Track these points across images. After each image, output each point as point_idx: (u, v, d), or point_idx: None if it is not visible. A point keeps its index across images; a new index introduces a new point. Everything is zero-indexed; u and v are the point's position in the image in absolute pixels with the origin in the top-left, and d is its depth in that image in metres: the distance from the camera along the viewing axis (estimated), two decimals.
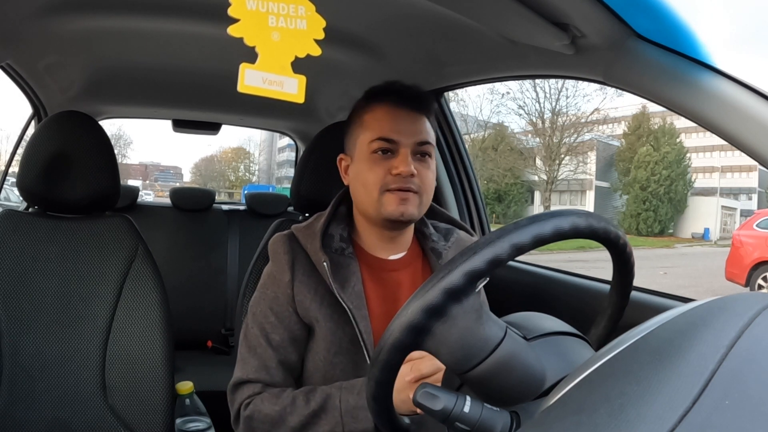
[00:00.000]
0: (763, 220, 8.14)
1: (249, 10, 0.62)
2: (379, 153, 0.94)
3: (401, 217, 0.93)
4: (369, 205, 0.95)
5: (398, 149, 0.93)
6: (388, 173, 0.93)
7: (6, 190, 6.17)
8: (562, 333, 0.57)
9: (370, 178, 0.94)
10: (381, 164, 0.93)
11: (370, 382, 0.57)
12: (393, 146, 0.94)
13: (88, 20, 1.38)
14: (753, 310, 0.35)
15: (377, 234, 1.00)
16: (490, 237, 0.52)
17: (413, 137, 0.94)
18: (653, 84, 0.84)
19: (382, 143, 0.94)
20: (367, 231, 1.01)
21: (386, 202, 0.93)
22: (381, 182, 0.93)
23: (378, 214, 0.95)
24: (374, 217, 0.96)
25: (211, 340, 2.40)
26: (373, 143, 0.94)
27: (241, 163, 41.52)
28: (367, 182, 0.94)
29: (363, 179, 0.95)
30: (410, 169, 0.92)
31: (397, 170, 0.92)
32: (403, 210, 0.93)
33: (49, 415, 1.20)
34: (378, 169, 0.93)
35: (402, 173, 0.92)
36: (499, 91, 22.03)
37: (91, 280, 1.26)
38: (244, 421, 0.94)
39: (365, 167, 0.95)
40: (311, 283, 0.95)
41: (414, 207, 0.94)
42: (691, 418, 0.28)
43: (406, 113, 0.96)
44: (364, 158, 0.95)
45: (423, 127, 0.96)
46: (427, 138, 0.96)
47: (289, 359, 0.96)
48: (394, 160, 0.93)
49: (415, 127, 0.95)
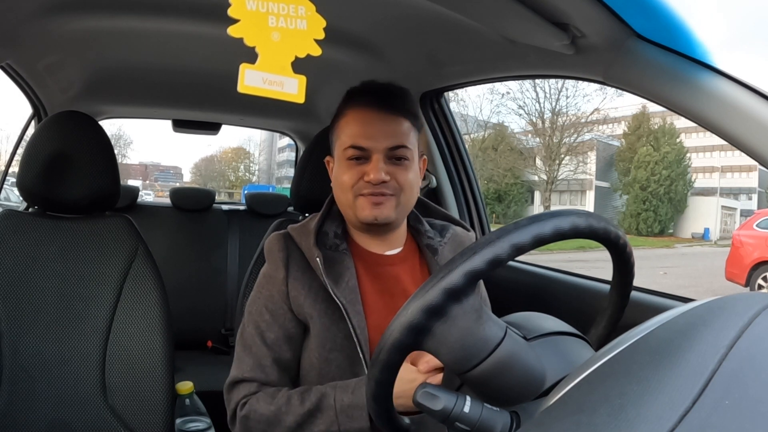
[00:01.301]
0: (763, 220, 8.13)
1: (249, 11, 0.62)
2: (353, 160, 0.94)
3: (375, 220, 0.94)
4: (347, 209, 0.97)
5: (370, 155, 0.93)
6: (361, 178, 0.93)
7: (6, 190, 6.17)
8: (562, 333, 0.57)
9: (344, 182, 0.95)
10: (355, 169, 0.94)
11: (370, 382, 0.57)
12: (364, 153, 0.94)
13: (88, 20, 1.38)
14: (753, 310, 0.35)
15: (366, 235, 1.01)
16: (490, 237, 0.52)
17: (385, 142, 0.93)
18: (653, 84, 0.84)
19: (354, 151, 0.94)
20: (356, 230, 1.02)
21: (359, 206, 0.94)
22: (354, 186, 0.94)
23: (355, 218, 0.96)
24: (353, 220, 0.98)
25: (211, 340, 2.40)
26: (347, 150, 0.94)
27: (241, 163, 41.53)
28: (343, 186, 0.95)
29: (339, 182, 0.96)
30: (380, 177, 0.92)
31: (368, 177, 0.92)
32: (377, 213, 0.93)
33: (49, 415, 1.20)
34: (352, 173, 0.94)
35: (372, 180, 0.92)
36: (499, 91, 22.04)
37: (91, 280, 1.26)
38: (240, 420, 0.94)
39: (341, 171, 0.96)
40: (305, 279, 0.96)
41: (389, 209, 0.94)
42: (691, 418, 0.28)
43: (380, 116, 0.94)
44: (340, 162, 0.97)
45: (397, 130, 0.94)
46: (401, 141, 0.94)
47: (284, 357, 0.96)
48: (366, 166, 0.93)
49: (387, 131, 0.94)
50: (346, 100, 1.00)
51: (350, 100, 0.99)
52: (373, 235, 1.00)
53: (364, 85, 1.00)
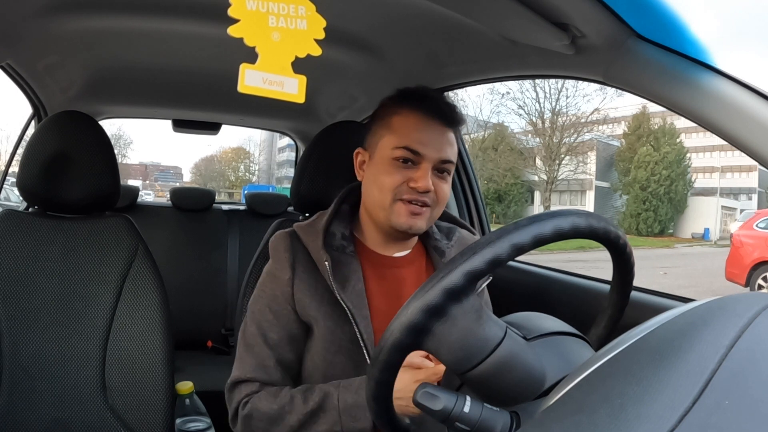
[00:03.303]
0: (763, 220, 8.13)
1: (249, 11, 0.62)
2: (400, 161, 0.92)
3: (409, 230, 0.93)
4: (380, 210, 0.95)
5: (420, 162, 0.92)
6: (405, 183, 0.92)
7: (6, 190, 6.17)
8: (562, 333, 0.57)
9: (386, 183, 0.92)
10: (400, 172, 0.92)
11: (370, 382, 0.57)
12: (416, 158, 0.92)
13: (88, 20, 1.38)
14: (753, 310, 0.35)
15: (382, 235, 1.00)
16: (490, 237, 0.52)
17: (438, 153, 0.92)
18: (653, 84, 0.84)
19: (406, 152, 0.92)
20: (372, 229, 1.00)
21: (397, 212, 0.93)
22: (396, 190, 0.92)
23: (386, 221, 0.94)
24: (382, 222, 0.96)
25: (211, 340, 2.40)
26: (397, 150, 0.92)
27: (241, 163, 41.53)
28: (383, 186, 0.93)
29: (379, 182, 0.93)
30: (428, 186, 0.91)
31: (415, 184, 0.91)
32: (412, 224, 0.93)
33: (49, 415, 1.20)
34: (396, 175, 0.92)
35: (419, 188, 0.91)
36: (499, 91, 22.05)
37: (91, 280, 1.26)
38: (242, 419, 0.94)
39: (383, 171, 0.93)
40: (311, 281, 0.95)
41: (423, 221, 0.94)
42: (691, 418, 0.28)
43: (436, 126, 0.93)
44: (384, 161, 0.94)
45: (449, 144, 0.94)
46: (450, 157, 0.94)
47: (287, 358, 0.96)
48: (414, 172, 0.92)
49: (441, 142, 0.93)
50: (399, 99, 0.97)
51: (405, 101, 0.96)
52: (392, 240, 0.99)
53: (420, 90, 0.98)
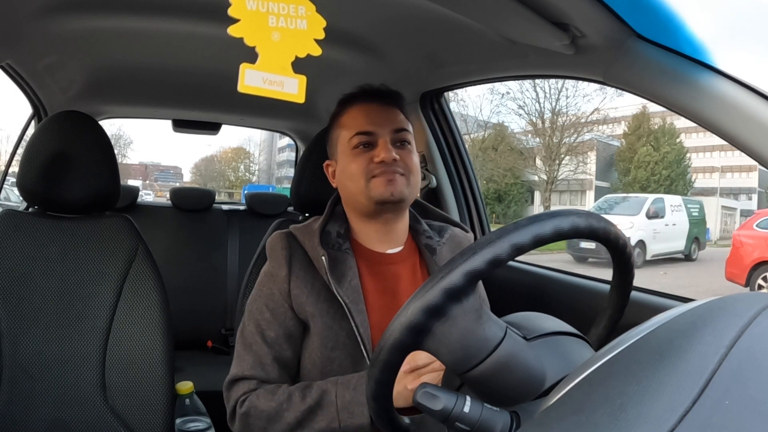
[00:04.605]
0: (763, 220, 8.13)
1: (249, 10, 0.62)
2: (360, 147, 0.98)
3: (392, 197, 0.95)
4: (359, 195, 0.98)
5: (377, 140, 0.97)
6: (371, 162, 0.96)
7: (6, 190, 6.17)
8: (562, 333, 0.57)
9: (354, 169, 0.97)
10: (363, 156, 0.97)
11: (370, 382, 0.57)
12: (372, 138, 0.97)
13: (88, 20, 1.38)
14: (753, 310, 0.35)
15: (372, 228, 1.01)
16: (490, 237, 0.52)
17: (389, 125, 0.98)
18: (653, 84, 0.84)
19: (361, 137, 0.98)
20: (362, 227, 1.02)
21: (374, 187, 0.96)
22: (365, 170, 0.96)
23: (369, 201, 0.97)
24: (366, 205, 0.98)
25: (211, 340, 2.40)
26: (353, 139, 0.98)
27: (241, 163, 41.51)
28: (353, 174, 0.97)
29: (349, 172, 0.98)
30: (391, 155, 0.95)
31: (378, 158, 0.96)
32: (392, 189, 0.95)
33: (49, 415, 1.20)
34: (361, 160, 0.97)
35: (384, 159, 0.95)
36: (499, 91, 21.99)
37: (91, 280, 1.26)
38: (240, 417, 0.94)
39: (348, 162, 0.98)
40: (308, 278, 0.96)
41: (403, 186, 0.96)
42: (691, 418, 0.28)
43: (379, 107, 1.00)
44: (346, 155, 0.99)
45: (397, 117, 1.01)
46: (403, 125, 1.00)
47: (285, 356, 0.96)
48: (375, 151, 0.97)
49: (390, 118, 1.00)
50: (343, 103, 1.04)
51: (347, 101, 1.04)
52: (383, 225, 1.01)
53: (358, 88, 1.05)
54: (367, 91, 1.03)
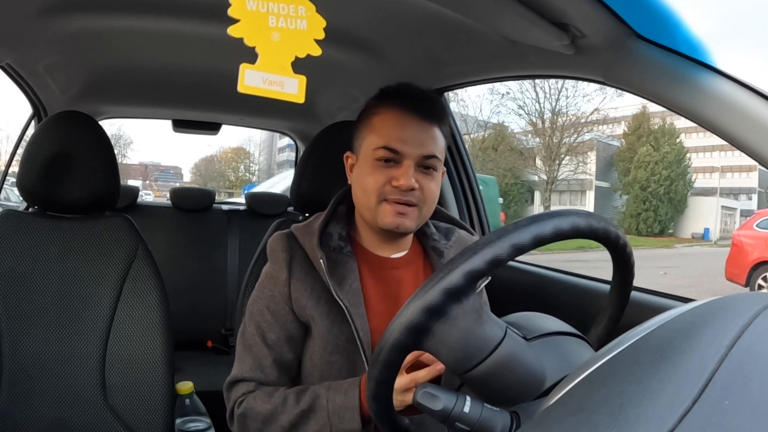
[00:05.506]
0: (763, 220, 8.13)
1: (249, 11, 0.62)
2: (382, 161, 0.92)
3: (396, 229, 0.93)
4: (366, 211, 0.95)
5: (402, 160, 0.91)
6: (389, 182, 0.91)
7: (6, 190, 6.18)
8: (562, 333, 0.57)
9: (369, 184, 0.92)
10: (383, 171, 0.91)
11: (370, 382, 0.57)
12: (397, 156, 0.91)
13: (88, 20, 1.38)
14: (753, 310, 0.35)
15: (376, 235, 1.00)
16: (490, 237, 0.52)
17: (419, 149, 0.91)
18: (653, 84, 0.84)
19: (386, 152, 0.91)
20: (367, 230, 1.01)
21: (383, 212, 0.92)
22: (380, 190, 0.91)
23: (374, 222, 0.94)
24: (371, 222, 0.96)
25: (211, 340, 2.40)
26: (378, 150, 0.91)
27: (241, 163, 41.51)
28: (367, 188, 0.92)
29: (363, 184, 0.93)
30: (411, 183, 0.90)
31: (397, 182, 0.90)
32: (399, 223, 0.92)
33: (49, 415, 1.20)
34: (379, 176, 0.91)
35: (401, 186, 0.90)
36: (499, 91, 22.03)
37: (91, 280, 1.26)
38: (238, 418, 0.94)
39: (367, 172, 0.93)
40: (308, 281, 0.95)
41: (411, 220, 0.93)
42: (691, 418, 0.28)
43: (416, 121, 0.92)
44: (367, 162, 0.93)
45: (431, 139, 0.93)
46: (433, 151, 0.93)
47: (285, 358, 0.96)
48: (396, 170, 0.91)
49: (422, 138, 0.92)
50: (380, 98, 0.96)
51: (385, 99, 0.95)
52: (386, 240, 0.99)
53: (401, 87, 0.96)
54: (409, 96, 0.94)
